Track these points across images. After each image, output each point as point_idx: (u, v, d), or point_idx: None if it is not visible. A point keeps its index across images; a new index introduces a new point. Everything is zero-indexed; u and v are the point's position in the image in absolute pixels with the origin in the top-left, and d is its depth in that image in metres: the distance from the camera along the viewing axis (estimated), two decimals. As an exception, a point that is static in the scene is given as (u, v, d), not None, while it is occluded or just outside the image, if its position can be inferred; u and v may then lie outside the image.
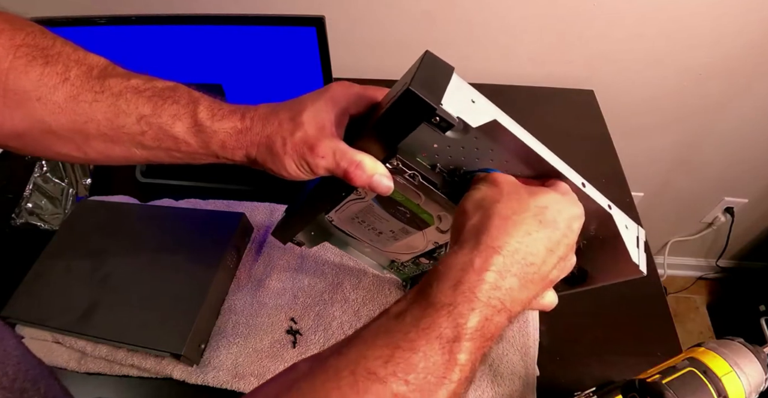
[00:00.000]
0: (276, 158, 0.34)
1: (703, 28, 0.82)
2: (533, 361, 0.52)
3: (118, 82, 0.33)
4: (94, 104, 0.32)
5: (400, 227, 0.41)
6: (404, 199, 0.37)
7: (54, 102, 0.31)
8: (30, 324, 0.55)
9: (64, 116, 0.32)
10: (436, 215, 0.37)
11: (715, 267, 1.46)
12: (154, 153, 0.34)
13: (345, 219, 0.42)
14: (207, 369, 0.52)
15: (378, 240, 0.44)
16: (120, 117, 0.32)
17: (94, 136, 0.33)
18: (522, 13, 0.83)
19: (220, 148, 0.34)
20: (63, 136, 0.33)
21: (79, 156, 0.34)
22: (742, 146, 1.04)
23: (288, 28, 0.53)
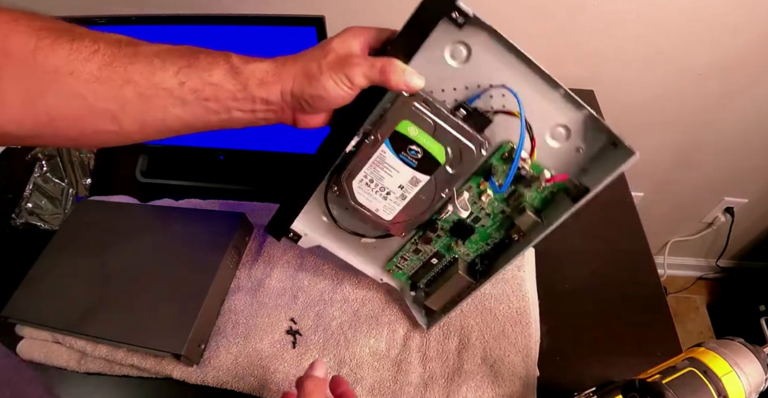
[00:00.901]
0: (313, 81, 0.35)
1: (703, 28, 0.82)
2: (534, 362, 0.52)
3: (148, 46, 0.34)
4: (130, 66, 0.32)
5: (409, 177, 0.40)
6: (418, 133, 0.38)
7: (88, 71, 0.31)
8: (30, 324, 0.55)
9: (100, 84, 0.31)
10: (446, 148, 0.38)
11: (715, 267, 1.46)
12: (191, 109, 0.34)
13: (354, 184, 0.41)
14: (207, 369, 0.52)
15: (384, 208, 0.42)
16: (157, 73, 0.33)
17: (131, 99, 0.32)
18: (522, 13, 0.83)
19: (258, 85, 0.35)
20: (98, 109, 0.32)
21: (114, 129, 0.33)
22: (742, 146, 1.04)
23: (288, 28, 0.53)
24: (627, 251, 0.65)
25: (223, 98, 0.35)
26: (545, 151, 0.40)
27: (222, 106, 0.35)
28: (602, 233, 0.67)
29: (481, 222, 0.45)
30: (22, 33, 0.30)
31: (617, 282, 0.61)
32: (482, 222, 0.45)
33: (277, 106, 0.36)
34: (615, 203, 0.71)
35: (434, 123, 0.38)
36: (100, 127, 0.33)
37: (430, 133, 0.38)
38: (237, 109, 0.35)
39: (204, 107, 0.34)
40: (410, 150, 0.39)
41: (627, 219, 0.68)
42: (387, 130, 0.38)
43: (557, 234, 0.65)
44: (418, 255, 0.49)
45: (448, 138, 0.38)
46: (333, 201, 0.46)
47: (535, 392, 0.50)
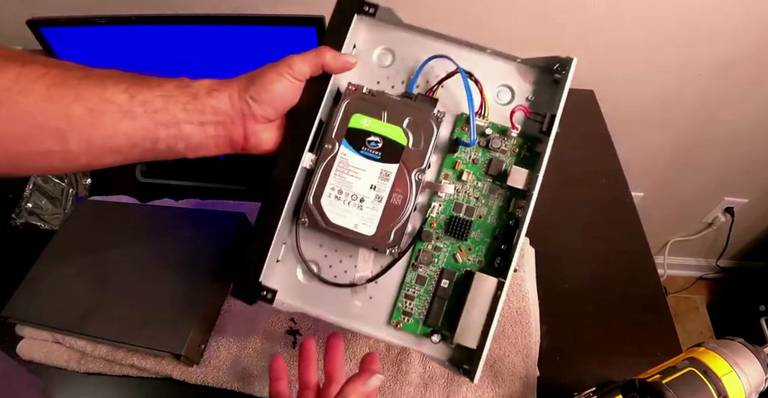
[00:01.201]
0: (256, 78, 0.37)
1: (703, 28, 0.82)
2: (534, 362, 0.52)
3: (99, 70, 0.35)
4: (79, 85, 0.33)
5: (378, 172, 0.38)
6: (371, 122, 0.38)
7: (38, 91, 0.32)
8: (30, 324, 0.55)
9: (50, 103, 0.32)
10: (403, 128, 0.39)
11: (715, 267, 1.46)
12: (140, 123, 0.34)
13: (323, 202, 0.38)
14: (207, 369, 0.52)
15: (363, 220, 0.38)
16: (109, 89, 0.33)
17: (80, 115, 0.33)
18: (521, 13, 0.83)
19: (207, 94, 0.36)
20: (45, 127, 0.32)
21: (59, 149, 0.33)
22: (742, 146, 1.05)
23: (288, 28, 0.53)
24: (627, 251, 0.65)
25: (172, 109, 0.35)
26: (501, 116, 0.41)
27: (171, 117, 0.35)
28: (602, 233, 0.67)
29: (476, 212, 0.40)
30: None
31: (617, 282, 0.61)
32: (477, 212, 0.40)
33: (227, 116, 0.36)
34: (615, 203, 0.71)
35: (384, 107, 0.38)
36: (46, 146, 0.33)
37: (384, 119, 0.38)
38: (187, 121, 0.35)
39: (153, 120, 0.34)
40: (369, 142, 0.38)
41: (627, 219, 0.68)
42: (341, 130, 0.38)
43: (557, 234, 0.66)
44: (425, 285, 0.40)
45: (401, 117, 0.38)
46: (306, 240, 0.40)
47: (535, 392, 0.50)
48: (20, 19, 0.57)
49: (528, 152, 0.42)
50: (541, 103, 0.42)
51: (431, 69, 0.41)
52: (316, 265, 0.40)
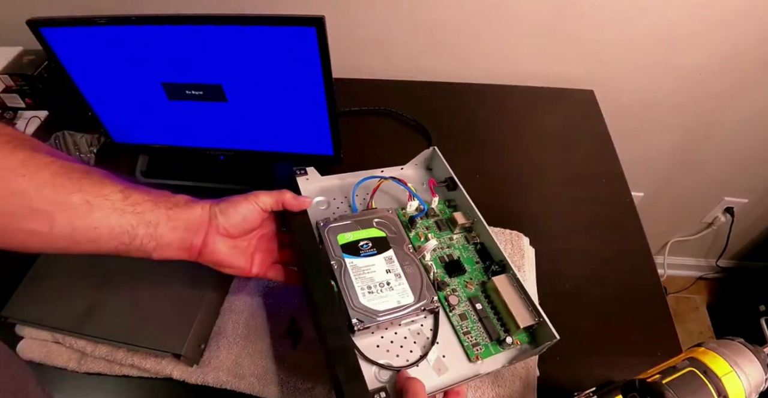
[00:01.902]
0: (230, 199, 0.45)
1: (703, 28, 0.82)
2: (534, 362, 0.52)
3: (98, 171, 0.39)
4: (83, 180, 0.37)
5: (383, 261, 0.48)
6: (353, 234, 0.49)
7: (41, 177, 0.35)
8: (30, 324, 0.55)
9: (50, 189, 0.35)
10: (376, 227, 0.50)
11: (715, 267, 1.46)
12: (126, 219, 0.39)
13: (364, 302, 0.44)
14: (207, 369, 0.52)
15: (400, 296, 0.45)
16: (107, 187, 0.38)
17: (76, 205, 0.36)
18: (522, 13, 0.83)
19: (185, 204, 0.43)
20: (37, 209, 0.35)
21: (44, 231, 0.36)
22: (742, 146, 1.05)
23: (288, 28, 0.53)
24: (627, 251, 0.65)
25: (156, 212, 0.40)
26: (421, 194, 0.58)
27: (154, 218, 0.40)
28: (602, 233, 0.67)
29: (455, 254, 0.53)
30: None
31: (617, 283, 0.61)
32: (455, 253, 0.53)
33: (195, 224, 0.43)
34: (615, 203, 0.71)
35: (353, 222, 0.50)
36: (32, 226, 0.35)
37: (359, 229, 0.49)
38: (165, 223, 0.41)
39: (138, 219, 0.39)
40: (362, 246, 0.48)
41: (627, 219, 0.68)
42: (337, 250, 0.47)
43: (557, 234, 0.66)
44: (468, 318, 0.47)
45: (369, 222, 0.50)
46: (364, 348, 0.44)
47: (535, 392, 0.50)
48: (20, 19, 0.57)
49: (450, 207, 0.57)
50: (440, 174, 0.60)
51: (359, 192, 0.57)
52: (390, 366, 0.44)
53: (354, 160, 0.64)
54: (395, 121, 0.85)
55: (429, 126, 0.82)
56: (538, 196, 0.72)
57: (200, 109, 0.64)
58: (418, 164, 0.61)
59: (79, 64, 0.61)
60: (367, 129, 0.84)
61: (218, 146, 0.71)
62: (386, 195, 0.57)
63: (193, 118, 0.66)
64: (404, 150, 0.79)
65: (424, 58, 0.93)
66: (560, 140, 0.81)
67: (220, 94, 0.62)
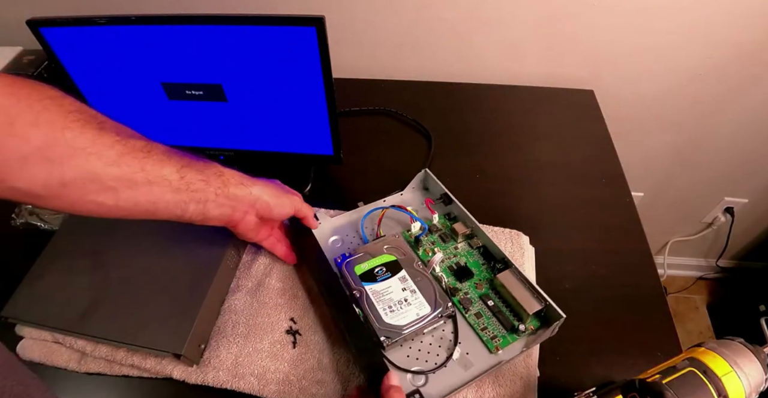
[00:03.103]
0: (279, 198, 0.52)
1: (703, 28, 0.82)
2: (534, 362, 0.52)
3: (158, 146, 0.42)
4: (145, 159, 0.40)
5: (398, 281, 0.53)
6: (367, 263, 0.54)
7: (108, 156, 0.38)
8: (30, 324, 0.55)
9: (116, 167, 0.38)
10: (387, 253, 0.56)
11: (715, 267, 1.47)
12: (180, 196, 0.43)
13: (388, 321, 0.50)
14: (207, 369, 0.52)
15: (419, 307, 0.51)
16: (166, 167, 0.42)
17: (139, 182, 0.40)
18: (522, 13, 0.83)
19: (236, 185, 0.48)
20: (106, 185, 0.38)
21: (110, 204, 0.40)
22: (742, 146, 1.05)
23: (288, 28, 0.53)
24: (627, 251, 0.65)
25: (207, 191, 0.45)
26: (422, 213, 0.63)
27: (204, 197, 0.45)
28: (602, 233, 0.67)
29: (461, 261, 0.58)
30: (53, 113, 0.36)
31: (617, 282, 0.61)
32: (462, 261, 0.59)
33: (241, 203, 0.48)
34: (615, 203, 0.71)
35: (365, 254, 0.55)
36: (100, 199, 0.39)
37: (372, 257, 0.55)
38: (213, 201, 0.45)
39: (190, 197, 0.43)
40: (377, 272, 0.54)
41: (627, 219, 0.68)
42: (356, 280, 0.53)
43: (557, 234, 0.66)
44: (483, 316, 0.53)
45: (380, 250, 0.56)
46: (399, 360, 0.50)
47: (535, 392, 0.50)
48: (20, 19, 0.57)
49: (450, 220, 0.63)
50: (435, 192, 0.65)
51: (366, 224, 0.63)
52: (422, 370, 0.49)
53: (354, 160, 0.64)
54: (395, 121, 0.85)
55: (429, 126, 0.82)
56: (538, 196, 0.72)
57: (200, 109, 0.64)
58: (415, 187, 0.67)
59: (79, 64, 0.61)
60: (367, 129, 0.84)
61: (218, 146, 0.71)
62: (391, 221, 0.63)
63: (193, 118, 0.66)
64: (404, 150, 0.79)
65: (425, 58, 0.93)
66: (560, 140, 0.81)
67: (220, 94, 0.62)
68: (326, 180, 0.65)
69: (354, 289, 0.52)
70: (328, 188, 0.63)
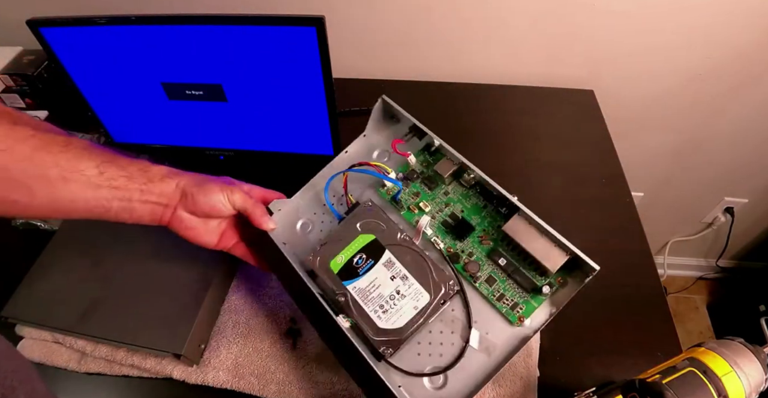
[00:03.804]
0: (204, 183, 0.46)
1: (703, 28, 0.82)
2: (534, 362, 0.52)
3: (79, 141, 0.40)
4: (60, 154, 0.38)
5: (383, 268, 0.44)
6: (343, 255, 0.45)
7: (20, 151, 0.36)
8: (30, 324, 0.55)
9: (29, 163, 0.36)
10: (363, 233, 0.46)
11: (715, 267, 1.46)
12: (100, 193, 0.40)
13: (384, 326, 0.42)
14: (207, 369, 0.52)
15: (415, 298, 0.43)
16: (83, 162, 0.39)
17: (53, 179, 0.37)
18: (522, 13, 0.83)
19: (161, 179, 0.44)
20: (18, 182, 0.36)
21: (25, 202, 0.38)
22: (742, 146, 1.05)
23: (288, 28, 0.53)
24: (627, 251, 0.64)
25: (131, 188, 0.42)
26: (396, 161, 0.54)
27: (127, 194, 0.42)
28: (602, 233, 0.67)
29: (457, 211, 0.48)
30: None
31: (617, 282, 0.61)
32: (458, 210, 0.48)
33: (168, 199, 0.44)
34: (615, 203, 0.71)
35: (339, 239, 0.46)
36: (13, 197, 0.37)
37: (347, 245, 0.45)
38: (138, 199, 0.42)
39: (112, 194, 0.41)
40: (357, 262, 0.44)
41: (627, 219, 0.68)
42: (334, 280, 0.44)
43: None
44: (499, 278, 0.44)
45: (354, 231, 0.46)
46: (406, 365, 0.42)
47: (535, 392, 0.50)
48: (20, 19, 0.57)
49: (431, 155, 0.52)
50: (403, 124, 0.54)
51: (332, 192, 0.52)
52: (438, 370, 0.42)
53: (354, 160, 0.64)
54: (395, 121, 0.85)
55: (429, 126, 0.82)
56: (538, 196, 0.72)
57: (200, 109, 0.64)
58: (378, 121, 0.54)
59: (79, 64, 0.61)
60: (367, 129, 0.84)
61: (218, 146, 0.71)
62: (359, 181, 0.52)
63: (193, 118, 0.66)
64: (404, 150, 0.79)
65: (424, 58, 0.93)
66: (560, 140, 0.81)
67: (220, 94, 0.62)
68: (326, 180, 0.64)
69: (336, 294, 0.43)
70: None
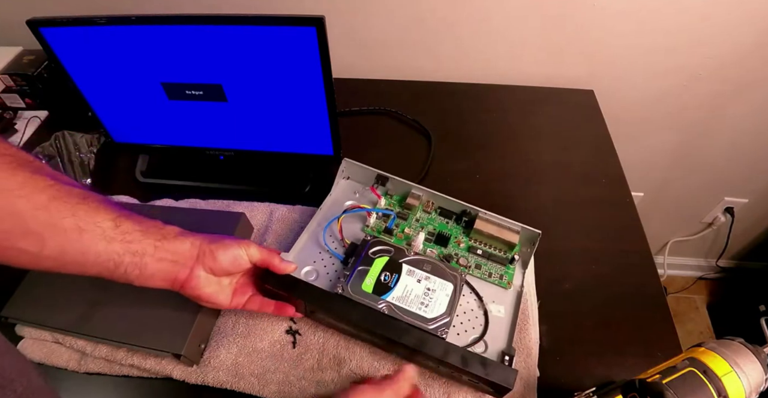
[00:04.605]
0: (222, 240, 0.46)
1: (703, 29, 0.82)
2: (534, 362, 0.52)
3: (95, 195, 0.40)
4: (78, 205, 0.38)
5: (410, 277, 0.52)
6: (370, 276, 0.52)
7: (38, 200, 0.36)
8: (30, 324, 0.55)
9: (44, 211, 0.36)
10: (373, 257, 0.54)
11: (715, 267, 1.46)
12: (113, 247, 0.40)
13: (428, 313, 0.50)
14: (207, 369, 0.52)
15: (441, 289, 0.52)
16: (100, 215, 0.39)
17: (67, 229, 0.37)
18: (522, 13, 0.83)
19: (175, 237, 0.44)
20: (30, 230, 0.36)
21: (33, 251, 0.37)
22: (742, 146, 1.05)
23: (288, 28, 0.53)
24: (627, 251, 0.65)
25: (145, 242, 0.41)
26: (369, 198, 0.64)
27: (141, 249, 0.41)
28: (602, 233, 0.67)
29: (431, 227, 0.61)
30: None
31: (617, 282, 0.61)
32: (431, 226, 0.61)
33: (183, 257, 0.44)
34: (615, 203, 0.71)
35: (359, 269, 0.52)
36: (23, 246, 0.36)
37: (368, 268, 0.52)
38: (151, 254, 0.42)
39: (125, 248, 0.40)
40: (385, 278, 0.52)
41: (627, 219, 0.68)
42: (372, 298, 0.50)
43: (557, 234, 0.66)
44: (483, 263, 0.58)
45: (369, 258, 0.53)
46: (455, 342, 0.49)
47: (535, 392, 0.50)
48: (20, 19, 0.57)
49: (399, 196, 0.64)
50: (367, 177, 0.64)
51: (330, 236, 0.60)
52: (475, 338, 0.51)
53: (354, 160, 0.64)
54: (395, 121, 0.85)
55: (429, 126, 0.82)
56: (538, 196, 0.72)
57: (200, 109, 0.64)
58: (350, 177, 0.65)
59: (79, 64, 0.61)
60: (367, 129, 0.84)
61: (218, 146, 0.71)
62: (348, 223, 0.60)
63: (193, 118, 0.66)
64: (404, 150, 0.79)
65: (425, 58, 0.93)
66: (560, 140, 0.81)
67: (220, 94, 0.62)
68: (326, 180, 0.64)
69: (378, 307, 0.50)
70: (328, 188, 0.63)
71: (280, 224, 0.65)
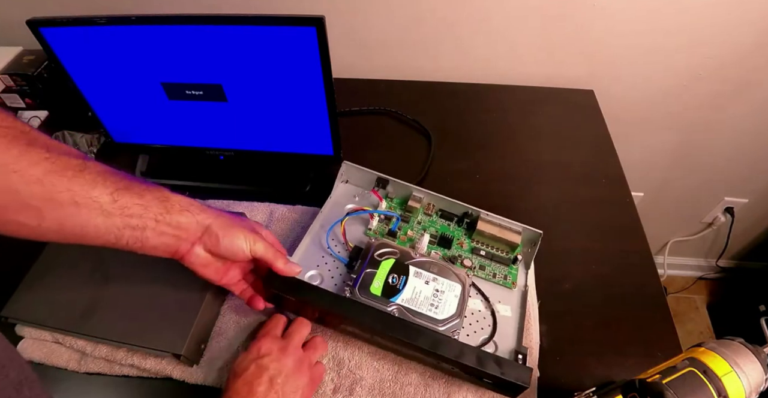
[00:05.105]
0: (229, 228, 0.45)
1: (703, 29, 0.82)
2: (534, 362, 0.52)
3: (95, 165, 0.39)
4: (74, 179, 0.37)
5: (417, 279, 0.52)
6: (378, 280, 0.52)
7: (32, 174, 0.35)
8: (30, 324, 0.55)
9: (40, 186, 0.35)
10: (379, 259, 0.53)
11: (715, 267, 1.46)
12: (112, 221, 0.39)
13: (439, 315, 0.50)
14: (207, 369, 0.52)
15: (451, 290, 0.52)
16: (97, 188, 0.38)
17: (64, 203, 0.37)
18: (522, 13, 0.83)
19: (179, 211, 0.43)
20: (27, 205, 0.36)
21: (33, 225, 0.37)
22: (742, 146, 1.05)
23: (288, 28, 0.53)
24: (627, 251, 0.65)
25: (145, 217, 0.40)
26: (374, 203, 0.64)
27: (141, 223, 0.40)
28: (602, 233, 0.67)
29: (434, 229, 0.61)
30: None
31: (617, 282, 0.61)
32: (433, 229, 0.61)
33: (186, 232, 0.43)
34: (615, 203, 0.71)
35: (367, 272, 0.52)
36: (21, 219, 0.36)
37: (378, 272, 0.52)
38: (152, 229, 0.41)
39: (124, 222, 0.40)
40: (392, 281, 0.52)
41: (627, 220, 0.68)
42: (382, 301, 0.50)
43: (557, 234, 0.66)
44: (486, 264, 0.59)
45: (375, 261, 0.53)
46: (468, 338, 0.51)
47: (535, 392, 0.50)
48: (20, 19, 0.57)
49: (400, 198, 0.64)
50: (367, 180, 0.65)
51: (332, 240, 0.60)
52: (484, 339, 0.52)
53: (354, 160, 0.64)
54: (395, 121, 0.85)
55: (429, 126, 0.82)
56: (538, 196, 0.72)
57: (200, 109, 0.64)
58: (348, 180, 0.65)
59: (79, 64, 0.61)
60: (367, 129, 0.84)
61: (218, 146, 0.71)
62: (350, 226, 0.60)
63: (193, 118, 0.66)
64: (404, 150, 0.79)
65: (425, 58, 0.93)
66: (560, 140, 0.81)
67: (220, 94, 0.62)
68: (326, 180, 0.64)
69: (388, 310, 0.49)
70: (329, 188, 0.63)
71: (280, 224, 0.65)
